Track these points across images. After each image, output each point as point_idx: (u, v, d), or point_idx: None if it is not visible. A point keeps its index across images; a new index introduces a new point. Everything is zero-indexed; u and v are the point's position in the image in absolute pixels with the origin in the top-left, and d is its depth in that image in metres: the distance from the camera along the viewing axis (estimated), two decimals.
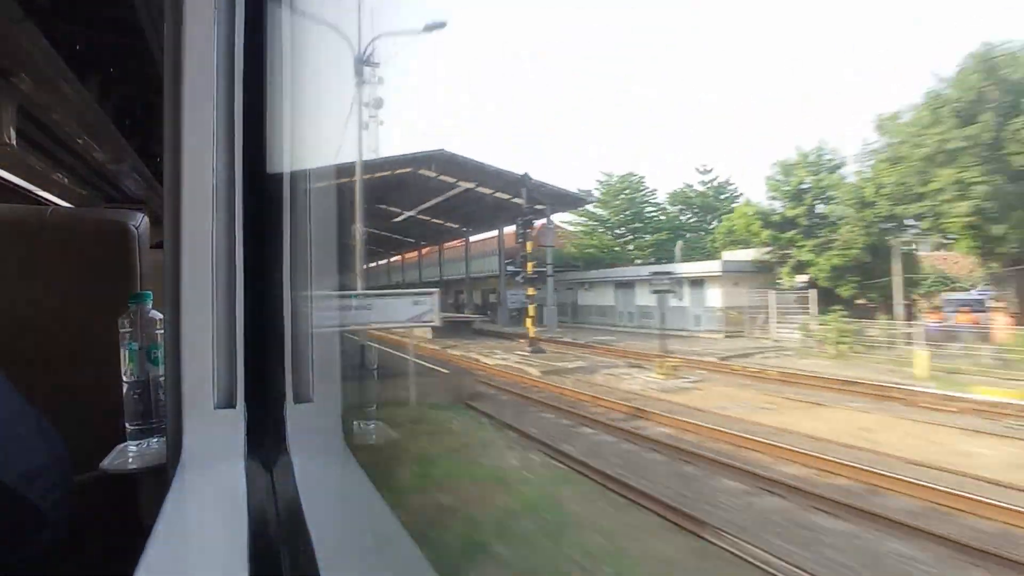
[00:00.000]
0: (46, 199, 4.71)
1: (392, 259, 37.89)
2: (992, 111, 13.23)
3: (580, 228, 30.39)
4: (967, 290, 16.23)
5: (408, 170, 20.93)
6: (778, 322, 17.04)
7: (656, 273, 18.08)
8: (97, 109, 3.51)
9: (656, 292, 16.94)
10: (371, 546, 0.72)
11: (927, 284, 16.84)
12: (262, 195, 0.96)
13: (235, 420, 0.91)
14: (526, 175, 19.57)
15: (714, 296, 19.41)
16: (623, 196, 29.67)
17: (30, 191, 4.45)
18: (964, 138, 13.34)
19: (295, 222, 1.01)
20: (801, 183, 18.23)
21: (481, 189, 21.49)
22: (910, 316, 14.67)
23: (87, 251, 1.25)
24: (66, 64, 2.90)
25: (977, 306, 14.17)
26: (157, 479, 0.90)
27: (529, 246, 18.23)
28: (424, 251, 33.26)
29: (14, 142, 3.17)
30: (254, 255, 0.94)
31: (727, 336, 18.27)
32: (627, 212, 29.68)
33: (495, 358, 14.87)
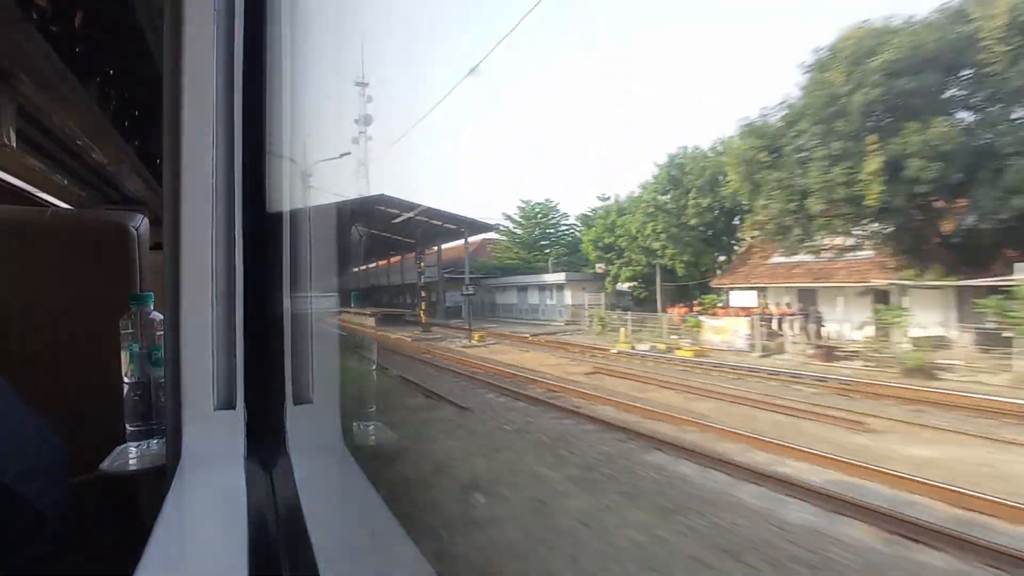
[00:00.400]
0: (46, 200, 4.71)
1: (370, 266, 45.29)
2: (679, 190, 22.93)
3: (502, 244, 39.47)
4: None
5: (366, 206, 28.16)
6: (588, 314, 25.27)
7: (464, 284, 28.14)
8: (96, 110, 3.50)
9: (463, 295, 27.03)
10: (370, 547, 0.72)
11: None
12: (262, 197, 0.96)
13: (235, 421, 0.91)
14: (424, 210, 27.99)
15: (569, 297, 28.76)
16: (537, 219, 38.44)
17: (30, 192, 4.44)
18: (657, 204, 23.44)
19: (295, 224, 1.02)
20: (613, 221, 26.64)
21: (419, 218, 28.80)
22: (665, 309, 22.22)
23: (87, 252, 1.25)
24: (66, 65, 2.90)
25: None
26: (157, 480, 0.90)
27: (422, 265, 28.29)
28: (393, 260, 41.33)
29: (14, 143, 3.17)
30: (254, 256, 0.94)
31: (566, 323, 26.23)
32: (536, 232, 38.58)
33: (398, 335, 22.01)
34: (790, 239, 15.77)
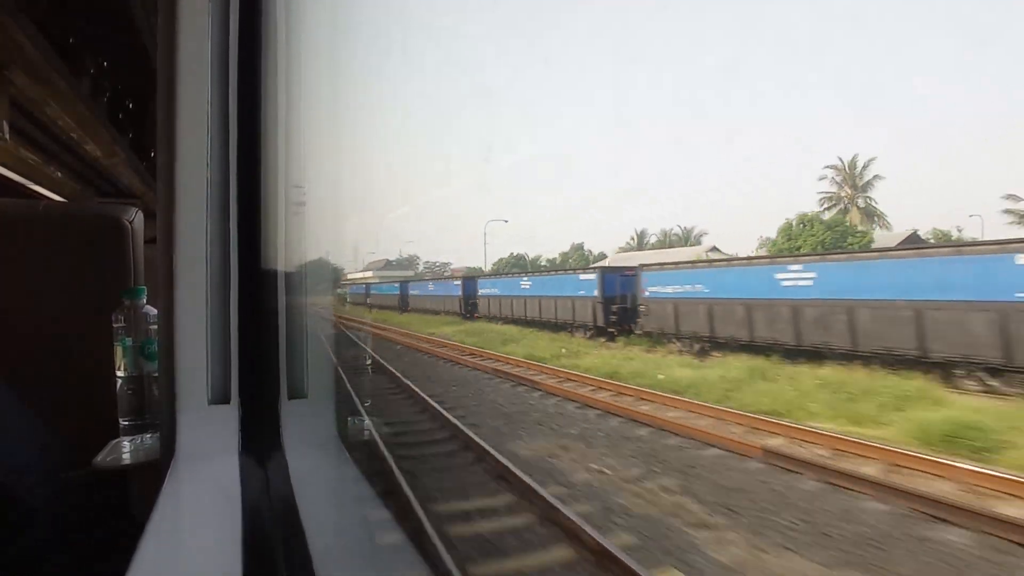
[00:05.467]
0: (39, 193, 4.68)
1: None
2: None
3: None
4: None
5: None
6: None
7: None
8: (91, 103, 3.48)
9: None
10: (364, 540, 0.72)
11: None
12: (257, 191, 0.96)
13: (229, 416, 0.91)
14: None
15: None
16: None
17: (23, 185, 4.41)
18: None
19: (290, 217, 1.01)
20: None
21: None
22: None
23: (80, 246, 1.24)
24: (60, 57, 2.87)
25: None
26: (151, 475, 0.90)
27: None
28: None
29: (7, 136, 3.15)
30: (248, 249, 0.94)
31: None
32: None
33: None
34: None
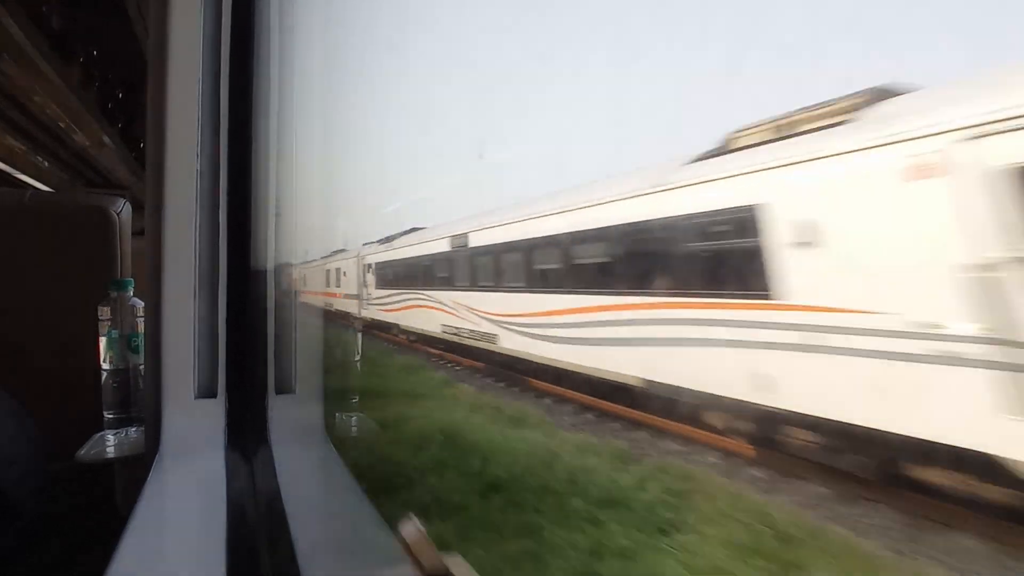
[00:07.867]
0: (25, 182, 4.62)
1: None
2: None
3: None
4: None
5: None
6: None
7: None
8: (80, 92, 3.44)
9: None
10: (350, 537, 0.72)
11: None
12: (247, 183, 0.95)
13: (216, 410, 0.90)
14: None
15: None
16: None
17: (8, 173, 4.36)
18: None
19: (281, 210, 1.01)
20: None
21: None
22: None
23: (67, 236, 1.23)
24: (49, 45, 2.84)
25: None
26: (135, 469, 0.89)
27: None
28: None
29: None
30: (238, 242, 0.93)
31: None
32: None
33: None
34: None
